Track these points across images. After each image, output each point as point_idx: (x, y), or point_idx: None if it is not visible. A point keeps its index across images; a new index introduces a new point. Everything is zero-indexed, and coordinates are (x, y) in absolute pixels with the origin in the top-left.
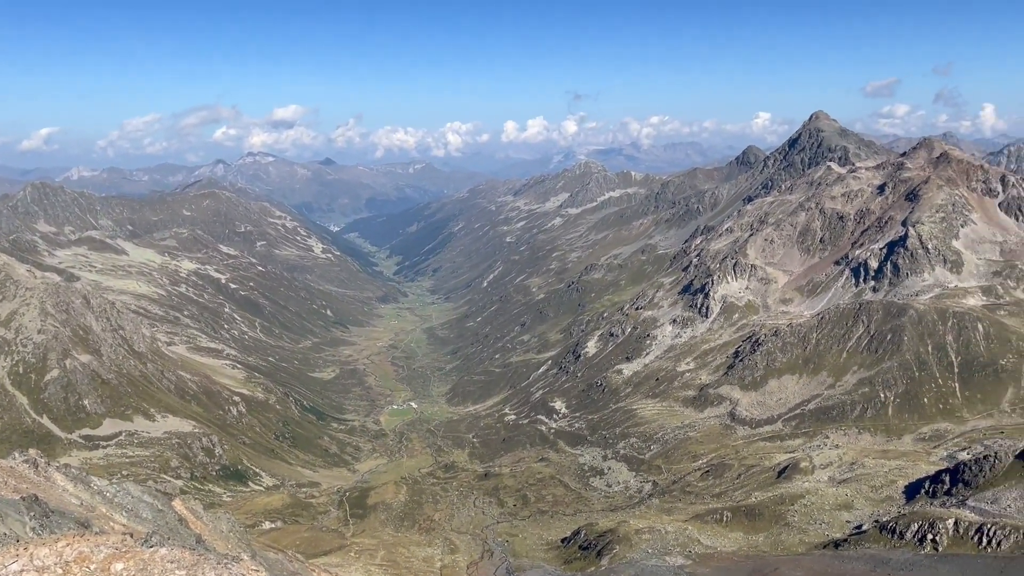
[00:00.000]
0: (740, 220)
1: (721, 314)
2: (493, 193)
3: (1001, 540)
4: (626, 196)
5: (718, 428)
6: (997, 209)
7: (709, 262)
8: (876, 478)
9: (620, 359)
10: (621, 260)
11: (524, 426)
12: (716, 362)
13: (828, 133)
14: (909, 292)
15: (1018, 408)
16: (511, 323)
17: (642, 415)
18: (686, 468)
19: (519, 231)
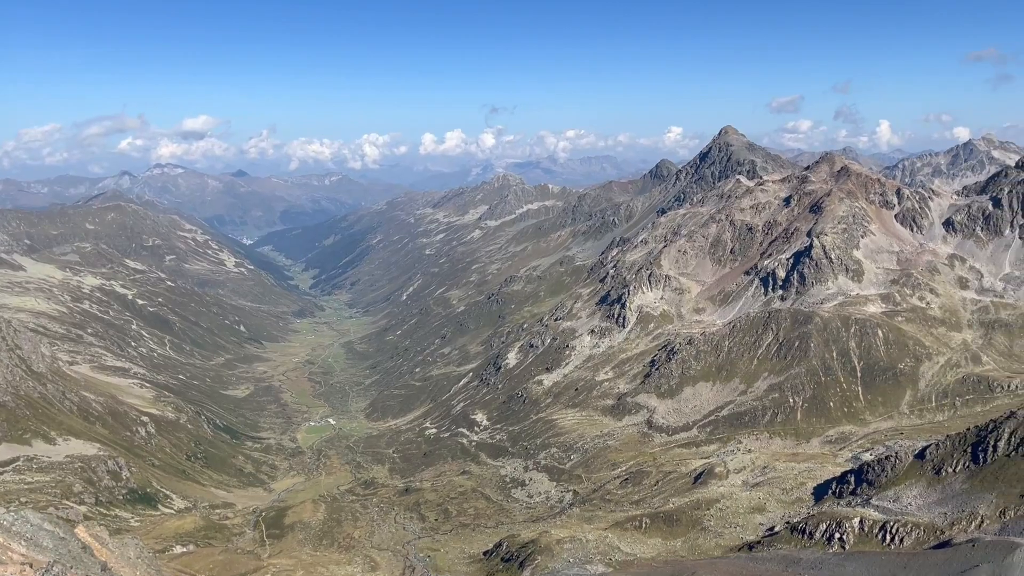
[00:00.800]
0: (654, 232)
1: (638, 324)
2: (412, 205)
3: (903, 537)
4: (544, 208)
5: (636, 436)
6: (893, 220)
7: (625, 273)
8: (787, 481)
9: (540, 370)
10: (540, 272)
11: (445, 439)
12: (633, 371)
13: (737, 147)
14: (815, 300)
15: (916, 410)
16: (431, 336)
17: (562, 425)
18: (606, 476)
19: (438, 243)
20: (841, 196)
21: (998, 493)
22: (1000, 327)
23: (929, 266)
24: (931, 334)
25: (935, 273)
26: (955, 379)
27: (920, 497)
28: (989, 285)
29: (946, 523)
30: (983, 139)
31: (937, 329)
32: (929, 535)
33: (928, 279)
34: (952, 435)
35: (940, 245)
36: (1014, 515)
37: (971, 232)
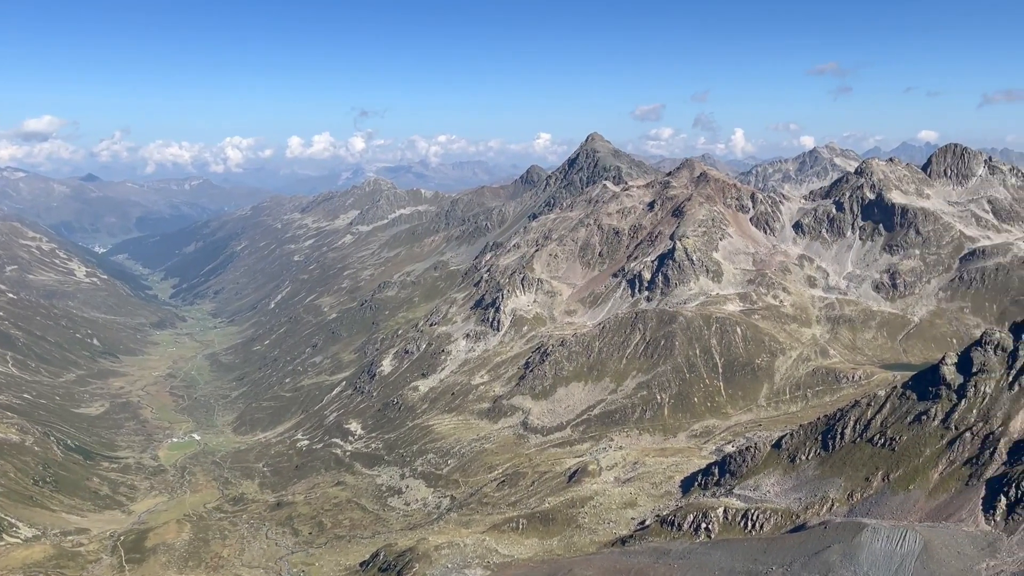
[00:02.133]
0: (526, 236)
1: (512, 327)
2: (279, 210)
3: (763, 523)
4: (417, 213)
5: (512, 438)
6: (749, 223)
7: (499, 277)
8: (656, 475)
9: (416, 376)
10: (414, 277)
11: (318, 451)
12: (508, 373)
13: (603, 154)
14: (678, 300)
15: (772, 402)
16: (302, 345)
17: (439, 430)
18: (483, 480)
19: (308, 249)
20: (701, 201)
21: (846, 477)
22: (844, 322)
23: (781, 266)
24: (784, 330)
25: (787, 273)
26: (806, 372)
27: (778, 484)
28: (834, 283)
29: (801, 508)
30: (826, 147)
31: (790, 325)
32: (786, 520)
33: (781, 279)
34: (805, 425)
35: (791, 246)
36: (860, 497)
37: (818, 234)
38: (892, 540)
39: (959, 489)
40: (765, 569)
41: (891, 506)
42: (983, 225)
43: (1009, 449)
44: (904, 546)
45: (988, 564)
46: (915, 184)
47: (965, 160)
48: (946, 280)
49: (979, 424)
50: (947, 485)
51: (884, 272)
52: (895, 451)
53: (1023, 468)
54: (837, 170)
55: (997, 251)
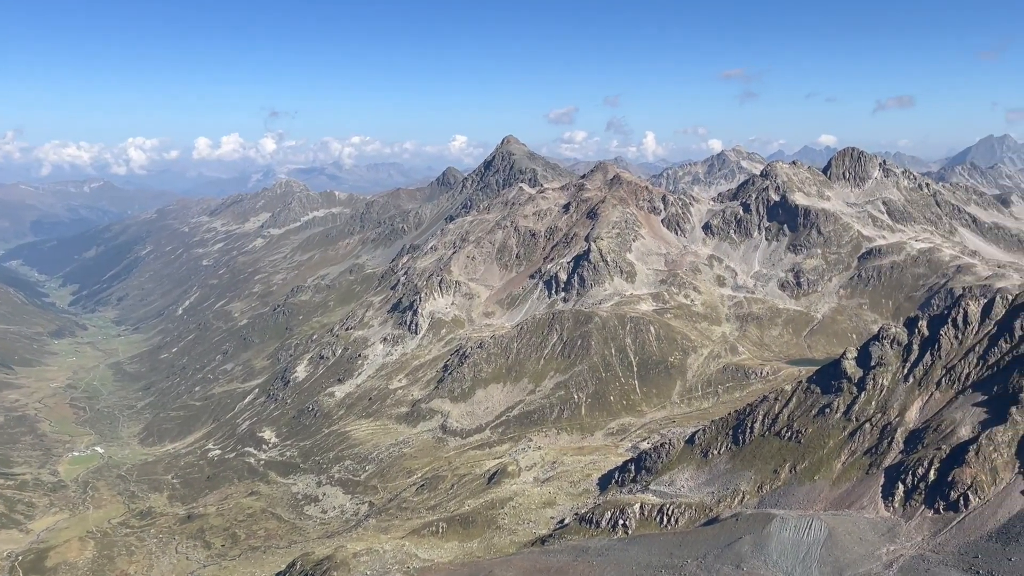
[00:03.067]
0: (443, 239)
1: (430, 330)
2: (186, 213)
3: (678, 517)
4: (331, 216)
5: (431, 442)
6: (660, 225)
7: (416, 280)
8: (574, 474)
9: (332, 381)
10: (329, 281)
11: (231, 460)
12: (427, 377)
13: (519, 156)
14: (594, 301)
15: (685, 399)
16: (212, 352)
17: (356, 436)
18: (402, 484)
19: (217, 253)
20: (614, 203)
21: (756, 470)
22: (752, 320)
23: (692, 266)
24: (696, 328)
25: (697, 273)
26: (717, 369)
27: (691, 479)
28: (742, 282)
29: (714, 501)
30: (733, 150)
31: (701, 324)
32: (700, 513)
33: (692, 278)
34: (716, 420)
35: (701, 247)
36: (769, 489)
37: (726, 235)
38: (799, 529)
39: (860, 478)
40: (680, 563)
41: (798, 496)
42: (879, 225)
43: (905, 438)
44: (810, 535)
45: (888, 549)
46: (816, 186)
47: (862, 163)
48: (846, 278)
49: (878, 415)
50: (849, 474)
51: (789, 271)
52: (801, 443)
53: (918, 456)
54: (744, 173)
55: (892, 250)
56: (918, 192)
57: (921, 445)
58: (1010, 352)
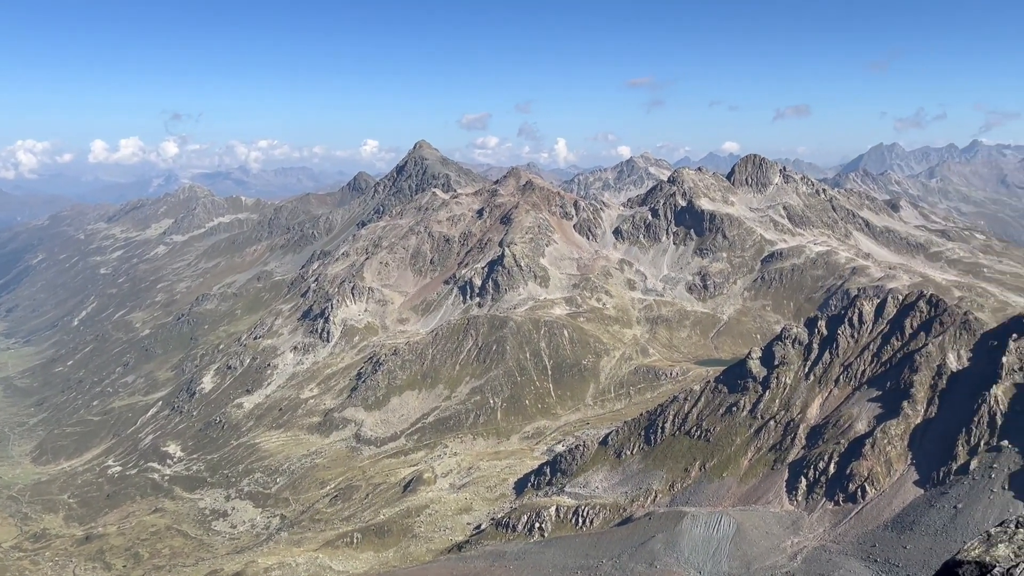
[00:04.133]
0: (355, 244)
1: (342, 337)
2: (81, 220)
3: (593, 518)
4: (237, 222)
5: (345, 451)
6: (572, 230)
7: (327, 287)
8: (490, 479)
9: (240, 392)
10: (236, 288)
11: (133, 477)
12: (340, 385)
13: (431, 161)
14: (508, 306)
15: (599, 400)
16: (111, 364)
17: (266, 448)
18: (315, 496)
19: (116, 261)
20: (527, 208)
21: (667, 469)
22: (662, 322)
23: (604, 271)
24: (608, 331)
25: (609, 277)
26: (629, 370)
27: (606, 480)
28: (652, 286)
29: (627, 501)
30: (642, 157)
31: (613, 327)
32: (614, 513)
33: (603, 282)
34: (629, 421)
35: (612, 251)
36: (680, 487)
37: (636, 239)
38: (709, 526)
39: (766, 474)
40: (596, 563)
41: (708, 494)
42: (780, 229)
43: (807, 434)
44: (720, 530)
45: (792, 541)
46: (721, 192)
47: (763, 170)
48: (750, 280)
49: (781, 412)
50: (756, 470)
51: (696, 274)
52: (710, 442)
53: (819, 451)
54: (652, 179)
55: (792, 253)
56: (815, 197)
57: (822, 440)
58: (901, 349)
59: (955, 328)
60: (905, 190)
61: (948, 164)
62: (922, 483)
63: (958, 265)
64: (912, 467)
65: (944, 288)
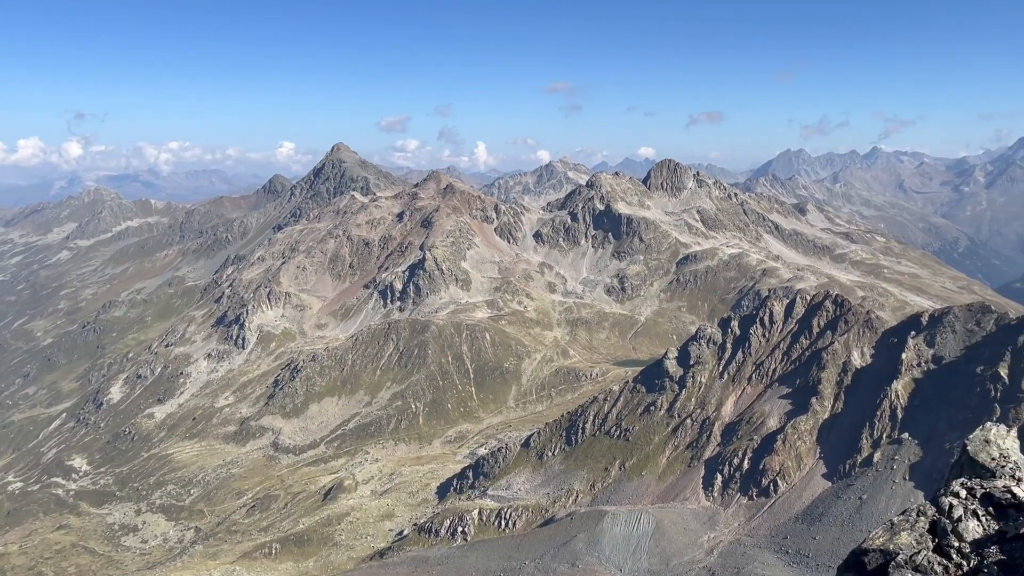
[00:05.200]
0: (271, 248)
1: (259, 344)
2: None
3: (516, 520)
4: (147, 226)
5: (262, 460)
6: (493, 233)
7: (243, 292)
8: (412, 484)
9: (151, 402)
10: (146, 295)
11: (35, 493)
12: (256, 393)
13: (350, 164)
14: (430, 309)
15: (520, 403)
16: (11, 375)
17: (179, 459)
18: (231, 507)
19: (15, 267)
20: (448, 212)
21: (588, 469)
22: (582, 324)
23: (524, 274)
24: (529, 334)
25: (529, 280)
26: (550, 372)
27: (528, 482)
28: (572, 288)
29: (550, 502)
30: (561, 161)
31: (534, 329)
32: (537, 515)
33: (524, 285)
34: (550, 423)
35: (532, 255)
36: (601, 487)
37: (556, 243)
38: (629, 524)
39: (683, 471)
40: (519, 565)
41: (628, 492)
42: (694, 232)
43: (722, 431)
44: (639, 528)
45: (709, 536)
46: (638, 196)
47: (678, 174)
48: (666, 282)
49: (697, 411)
50: (673, 468)
51: (614, 276)
52: (629, 441)
53: (733, 448)
54: (571, 183)
55: (706, 255)
56: (728, 202)
57: (736, 437)
58: (809, 347)
59: (859, 327)
60: (811, 194)
61: (851, 170)
62: (830, 476)
63: (861, 266)
64: (820, 461)
65: (848, 288)
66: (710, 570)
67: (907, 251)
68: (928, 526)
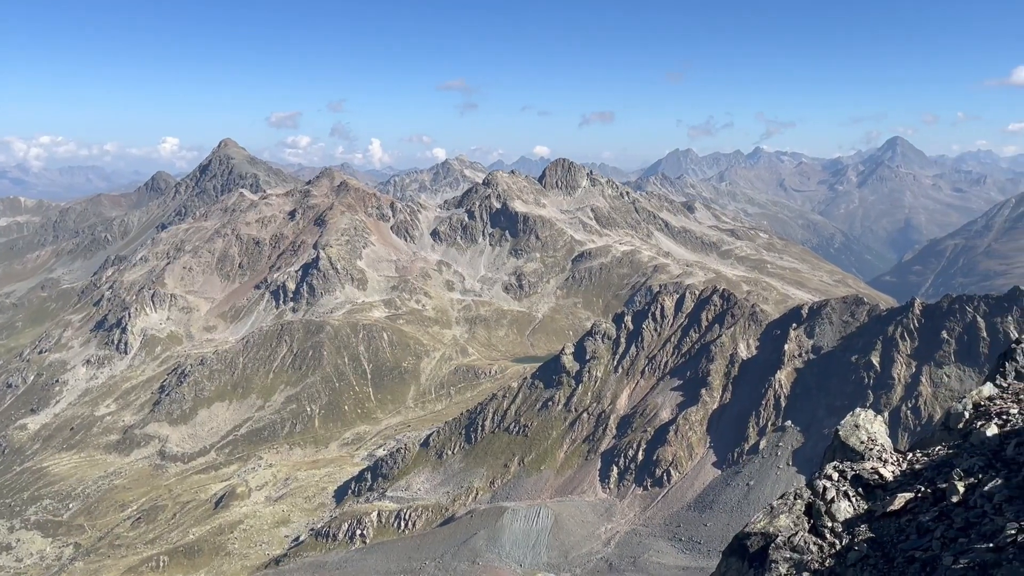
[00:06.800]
0: (155, 248)
1: (142, 348)
2: None
3: (415, 520)
4: (16, 225)
5: (148, 469)
6: (390, 232)
7: (124, 294)
8: (309, 488)
9: (24, 412)
10: (16, 299)
11: None
12: (141, 400)
13: (238, 160)
14: (325, 310)
15: (419, 402)
16: None
17: (56, 472)
18: (114, 520)
19: None
20: (342, 210)
21: (488, 466)
22: (480, 322)
23: (422, 272)
24: (428, 333)
25: (427, 278)
26: (449, 371)
27: (428, 481)
28: (470, 286)
29: (449, 500)
30: (457, 159)
31: (432, 328)
32: (436, 514)
33: (422, 284)
34: (449, 421)
35: (430, 253)
36: (501, 483)
37: (453, 241)
38: (528, 519)
39: (581, 464)
40: (419, 565)
41: (527, 487)
42: (588, 230)
43: (618, 424)
44: (539, 522)
45: (606, 527)
46: (533, 194)
47: (572, 173)
48: (562, 279)
49: (594, 405)
50: (571, 462)
51: (512, 274)
52: (528, 436)
53: (628, 440)
54: (467, 181)
55: (600, 253)
56: (620, 200)
57: (630, 429)
58: (699, 340)
59: (744, 320)
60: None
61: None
62: (719, 464)
63: (746, 262)
64: (711, 450)
65: (734, 283)
66: (607, 560)
67: (788, 247)
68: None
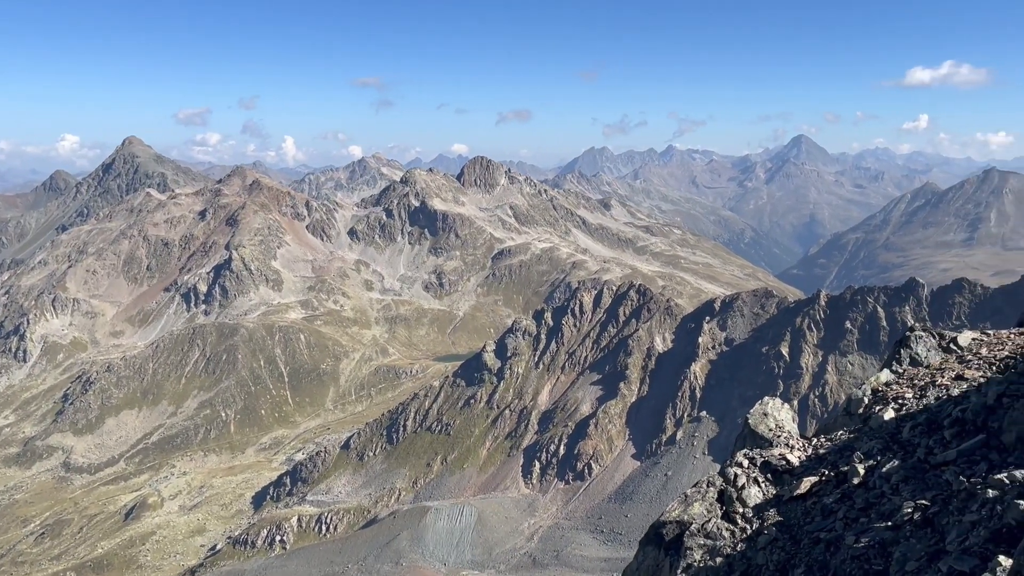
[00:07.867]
0: (55, 251)
1: (43, 356)
2: None
3: (337, 524)
4: None
5: (52, 482)
6: (305, 231)
7: (22, 300)
8: (225, 496)
9: None
10: None
11: None
12: (42, 410)
13: (144, 159)
14: (239, 312)
15: (339, 404)
16: None
17: None
18: (15, 536)
19: None
20: (256, 209)
21: (410, 466)
22: (400, 321)
23: (340, 272)
24: (347, 333)
25: (346, 278)
26: (369, 371)
27: (349, 484)
28: (390, 286)
29: (372, 502)
30: (374, 157)
31: (351, 328)
32: (359, 517)
33: (340, 284)
34: (371, 423)
35: (347, 252)
36: (423, 483)
37: (372, 240)
38: (452, 517)
39: (504, 461)
40: (341, 569)
41: (450, 486)
42: (508, 228)
43: (539, 419)
44: (462, 520)
45: (530, 523)
46: (452, 192)
47: (490, 171)
48: (482, 277)
49: (515, 401)
50: (494, 459)
51: (432, 273)
52: (451, 435)
53: (550, 435)
54: (385, 179)
55: (520, 250)
56: (538, 198)
57: (552, 424)
58: (617, 335)
59: (660, 314)
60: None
61: (649, 167)
62: (639, 456)
63: (660, 257)
64: (630, 442)
65: (650, 278)
66: (531, 555)
67: (701, 242)
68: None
